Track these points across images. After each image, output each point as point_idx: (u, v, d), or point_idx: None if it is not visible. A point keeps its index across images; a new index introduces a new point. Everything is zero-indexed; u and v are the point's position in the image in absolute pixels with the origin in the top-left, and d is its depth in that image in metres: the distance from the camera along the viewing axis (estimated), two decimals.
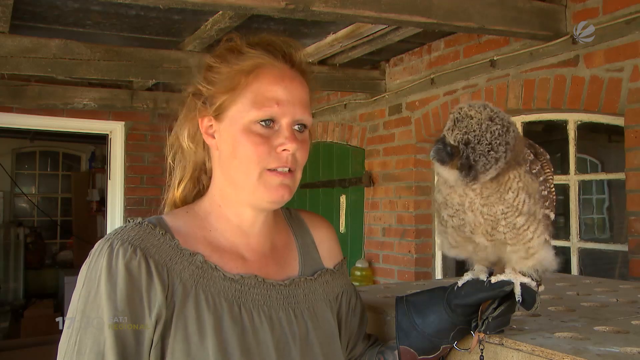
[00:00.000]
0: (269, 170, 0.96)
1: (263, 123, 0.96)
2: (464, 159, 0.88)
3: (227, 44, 1.02)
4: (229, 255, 0.99)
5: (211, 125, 1.00)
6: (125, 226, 0.94)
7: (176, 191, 1.06)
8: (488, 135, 0.87)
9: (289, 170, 0.97)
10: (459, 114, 0.89)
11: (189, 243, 0.95)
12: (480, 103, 0.90)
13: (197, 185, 1.07)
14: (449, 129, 0.89)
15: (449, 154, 0.89)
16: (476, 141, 0.87)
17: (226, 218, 1.01)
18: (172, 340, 0.88)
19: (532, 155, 0.94)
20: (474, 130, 0.87)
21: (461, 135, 0.88)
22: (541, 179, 0.93)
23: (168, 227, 0.96)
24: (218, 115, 0.99)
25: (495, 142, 0.87)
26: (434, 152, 0.91)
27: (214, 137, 1.00)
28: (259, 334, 0.93)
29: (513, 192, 0.90)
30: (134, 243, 0.89)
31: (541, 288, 0.98)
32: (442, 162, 0.90)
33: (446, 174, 0.92)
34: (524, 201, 0.90)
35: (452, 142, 0.89)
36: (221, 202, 1.01)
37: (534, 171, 0.93)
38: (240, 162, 0.96)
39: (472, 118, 0.88)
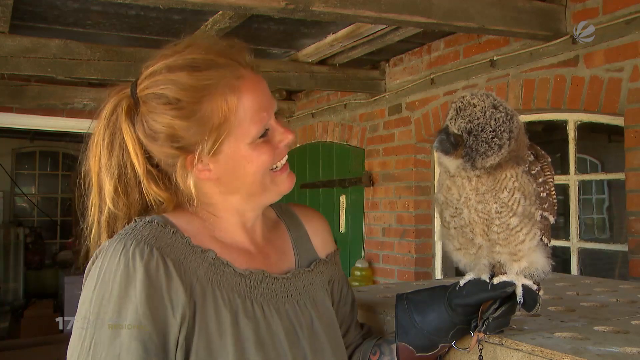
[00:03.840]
0: (273, 170, 0.98)
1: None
2: (467, 148, 0.87)
3: (170, 83, 0.90)
4: (236, 251, 0.99)
5: (202, 161, 0.94)
6: (135, 225, 0.91)
7: (170, 208, 0.98)
8: (492, 122, 0.86)
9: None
10: (462, 102, 0.88)
11: (198, 240, 0.94)
12: (482, 92, 0.89)
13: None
14: (451, 118, 0.88)
15: (452, 144, 0.89)
16: (480, 129, 0.86)
17: (230, 222, 1.01)
18: (197, 340, 0.87)
19: (532, 156, 0.94)
20: (478, 118, 0.86)
21: (465, 124, 0.87)
22: (540, 180, 0.92)
23: (175, 225, 0.94)
24: (213, 152, 0.93)
25: (499, 129, 0.86)
26: (437, 143, 0.90)
27: (209, 171, 0.95)
28: (272, 326, 0.94)
29: (508, 192, 0.90)
30: (149, 242, 0.87)
31: (540, 292, 0.98)
32: (446, 152, 0.90)
33: (448, 163, 0.92)
34: (519, 202, 0.90)
35: (455, 131, 0.88)
36: (223, 213, 1.00)
37: (532, 172, 0.92)
38: (254, 177, 0.96)
39: (475, 106, 0.87)
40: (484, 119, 0.86)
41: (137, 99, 0.93)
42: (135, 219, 0.94)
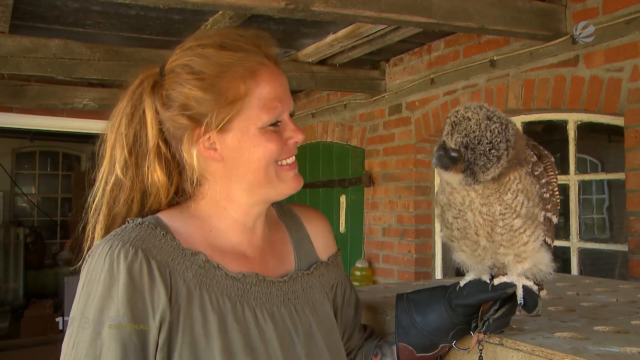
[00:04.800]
0: (280, 164, 0.98)
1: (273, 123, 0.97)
2: (466, 162, 0.88)
3: (197, 56, 0.95)
4: (231, 254, 0.98)
5: (209, 138, 0.96)
6: (125, 227, 0.92)
7: (163, 199, 1.00)
8: (488, 134, 0.86)
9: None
10: (456, 117, 0.89)
11: (190, 243, 0.95)
12: (475, 104, 0.89)
13: (179, 192, 1.02)
14: (448, 134, 0.89)
15: (451, 159, 0.89)
16: (477, 142, 0.86)
17: (232, 218, 1.00)
18: (180, 342, 0.87)
19: (535, 157, 0.94)
20: (474, 132, 0.87)
21: (461, 138, 0.87)
22: (543, 181, 0.93)
23: (167, 227, 0.95)
24: (221, 128, 0.95)
25: (496, 140, 0.86)
26: (436, 160, 0.91)
27: (215, 150, 0.96)
28: (264, 331, 0.93)
29: (512, 194, 0.90)
30: (135, 244, 0.88)
31: (543, 292, 0.97)
32: (446, 168, 0.90)
33: (449, 178, 0.92)
34: (522, 203, 0.90)
35: (452, 146, 0.89)
36: (227, 205, 1.00)
37: (536, 173, 0.92)
38: (259, 163, 0.96)
39: (469, 120, 0.87)
40: (479, 131, 0.86)
41: (164, 74, 0.97)
42: (128, 220, 0.94)
